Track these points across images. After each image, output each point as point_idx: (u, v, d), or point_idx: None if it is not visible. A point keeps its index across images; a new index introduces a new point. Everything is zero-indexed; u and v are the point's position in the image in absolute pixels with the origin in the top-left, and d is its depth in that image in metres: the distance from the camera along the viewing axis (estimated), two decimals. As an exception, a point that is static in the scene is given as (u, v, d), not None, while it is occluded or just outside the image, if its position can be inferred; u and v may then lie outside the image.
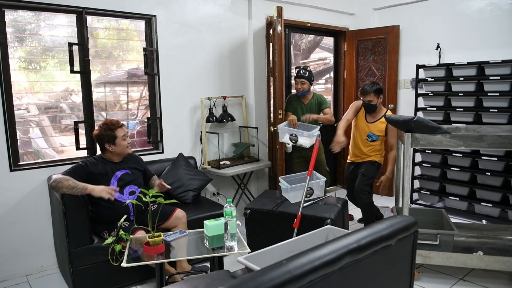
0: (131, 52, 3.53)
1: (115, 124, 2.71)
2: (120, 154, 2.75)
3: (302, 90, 3.70)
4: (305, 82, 3.67)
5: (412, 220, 1.32)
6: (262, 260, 1.59)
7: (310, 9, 4.45)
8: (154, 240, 2.19)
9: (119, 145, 2.70)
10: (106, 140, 2.69)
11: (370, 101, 3.33)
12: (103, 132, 2.68)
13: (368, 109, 3.40)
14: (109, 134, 2.67)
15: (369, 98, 3.32)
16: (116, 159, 2.76)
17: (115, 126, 2.69)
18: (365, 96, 3.35)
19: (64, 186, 2.43)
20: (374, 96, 3.32)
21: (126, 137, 2.75)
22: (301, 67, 3.76)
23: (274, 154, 3.85)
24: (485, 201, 3.72)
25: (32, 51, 3.06)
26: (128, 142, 2.76)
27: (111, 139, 2.68)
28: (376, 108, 3.38)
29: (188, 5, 3.61)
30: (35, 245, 2.97)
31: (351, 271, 1.08)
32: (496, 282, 2.66)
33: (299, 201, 2.90)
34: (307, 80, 3.67)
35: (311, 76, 3.71)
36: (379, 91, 3.35)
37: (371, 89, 3.31)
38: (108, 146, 2.70)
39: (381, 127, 3.40)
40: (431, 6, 4.33)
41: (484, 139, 2.42)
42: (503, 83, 3.61)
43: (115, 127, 2.69)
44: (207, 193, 3.85)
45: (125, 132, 2.74)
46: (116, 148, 2.71)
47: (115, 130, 2.68)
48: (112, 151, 2.72)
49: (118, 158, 2.77)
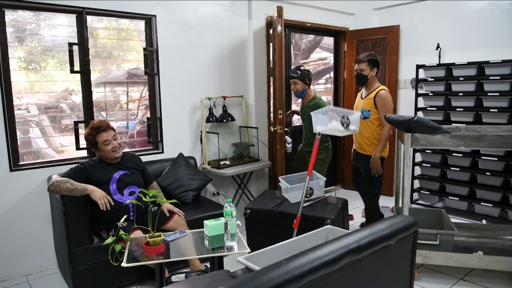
0: (131, 52, 3.53)
1: (97, 128, 2.63)
2: (108, 158, 2.70)
3: (296, 90, 3.49)
4: (298, 82, 3.44)
5: (412, 220, 1.32)
6: (262, 260, 1.59)
7: (310, 9, 4.45)
8: (154, 240, 2.19)
9: (102, 150, 2.65)
10: (90, 145, 2.68)
11: (362, 70, 3.15)
12: (87, 136, 2.66)
13: (358, 79, 3.21)
14: (90, 139, 2.64)
15: (362, 67, 3.14)
16: (111, 161, 2.73)
17: (97, 131, 2.62)
18: (359, 64, 3.17)
19: (63, 189, 2.41)
20: (368, 66, 3.13)
21: (111, 141, 2.64)
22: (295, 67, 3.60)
23: (274, 154, 3.86)
24: (485, 201, 3.72)
25: (32, 51, 3.06)
26: (114, 146, 2.66)
27: (94, 144, 2.65)
28: (367, 79, 3.16)
29: (188, 5, 3.61)
30: (35, 245, 2.97)
31: (351, 271, 1.08)
32: (496, 282, 2.66)
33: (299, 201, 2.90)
34: (300, 79, 3.43)
35: (304, 76, 3.44)
36: (374, 62, 3.15)
37: (365, 58, 3.14)
38: (94, 150, 2.70)
39: (370, 102, 3.16)
40: (431, 6, 4.33)
41: (484, 139, 2.42)
42: (503, 83, 3.61)
43: (97, 131, 2.62)
44: (207, 193, 3.85)
45: (108, 137, 2.63)
46: (101, 152, 2.68)
47: (96, 136, 2.62)
48: (100, 155, 2.71)
49: (112, 160, 2.74)
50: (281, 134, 3.74)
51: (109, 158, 2.70)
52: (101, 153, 2.68)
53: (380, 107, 3.12)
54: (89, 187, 2.49)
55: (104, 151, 2.65)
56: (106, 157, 2.70)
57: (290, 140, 3.90)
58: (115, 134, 2.72)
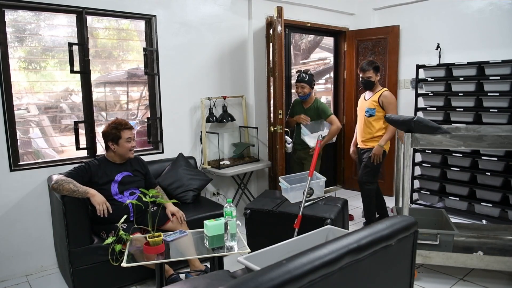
0: (131, 52, 3.53)
1: (123, 124, 2.70)
2: (121, 156, 2.74)
3: (302, 94, 3.71)
4: (305, 86, 3.66)
5: (412, 220, 1.32)
6: (262, 260, 1.59)
7: (310, 9, 4.45)
8: (154, 240, 2.19)
9: (122, 146, 2.69)
10: (111, 139, 2.69)
11: (369, 77, 3.47)
12: (109, 129, 2.69)
13: (366, 85, 3.53)
14: (114, 133, 2.67)
15: (369, 74, 3.47)
16: (118, 161, 2.76)
17: (122, 127, 2.69)
18: (365, 73, 3.48)
19: (65, 189, 2.42)
20: (373, 72, 3.47)
21: (131, 140, 2.73)
22: (301, 70, 3.76)
23: (274, 154, 3.85)
24: (485, 201, 3.72)
25: (32, 51, 3.06)
26: (132, 146, 2.74)
27: (115, 138, 2.68)
28: (373, 84, 3.51)
29: (188, 5, 3.61)
30: (35, 245, 2.97)
31: (351, 271, 1.08)
32: (496, 282, 2.66)
33: (299, 201, 2.90)
34: (307, 84, 3.66)
35: (311, 80, 3.69)
36: (377, 68, 3.51)
37: (370, 66, 3.46)
38: (111, 145, 2.70)
39: (375, 101, 3.48)
40: (431, 6, 4.33)
41: (484, 139, 2.42)
42: (503, 83, 3.60)
43: (122, 127, 2.68)
44: (207, 193, 3.85)
45: (131, 135, 2.73)
46: (118, 149, 2.70)
47: (121, 131, 2.67)
48: (115, 151, 2.72)
49: (120, 160, 2.76)
50: (281, 134, 3.74)
51: (122, 156, 2.74)
52: (119, 149, 2.70)
53: (387, 105, 3.45)
54: (91, 190, 2.49)
55: (123, 147, 2.70)
56: (119, 155, 2.73)
57: (290, 140, 3.91)
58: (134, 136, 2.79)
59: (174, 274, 2.63)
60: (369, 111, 3.51)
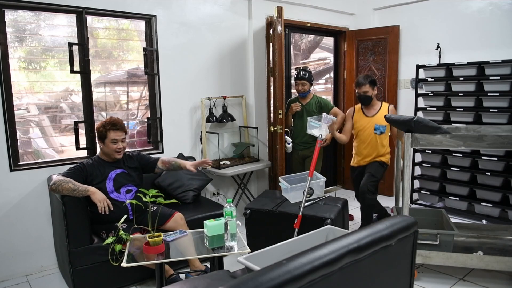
0: (131, 52, 3.53)
1: (113, 124, 2.67)
2: (108, 155, 2.73)
3: (303, 91, 3.78)
4: (306, 83, 3.76)
5: (412, 220, 1.32)
6: (262, 260, 1.59)
7: (310, 9, 4.45)
8: (154, 240, 2.19)
9: (107, 146, 2.68)
10: (98, 136, 2.70)
11: (366, 92, 3.39)
12: (99, 127, 2.69)
13: (363, 100, 3.44)
14: (101, 131, 2.67)
15: (365, 89, 3.38)
16: (109, 159, 2.75)
17: (109, 127, 2.65)
18: (361, 88, 3.40)
19: (65, 189, 2.42)
20: (370, 87, 3.39)
21: (118, 142, 2.67)
22: (300, 68, 3.79)
23: (274, 154, 3.85)
24: (485, 201, 3.72)
25: (32, 51, 3.06)
26: (119, 147, 2.68)
27: (102, 137, 2.68)
28: (371, 99, 3.42)
29: (188, 5, 3.61)
30: (35, 245, 2.97)
31: (351, 271, 1.08)
32: (496, 282, 2.66)
33: (299, 201, 2.90)
34: (308, 81, 3.76)
35: (311, 77, 3.79)
36: (374, 82, 3.43)
37: (366, 80, 3.39)
38: (99, 143, 2.72)
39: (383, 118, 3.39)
40: (431, 6, 4.33)
41: (484, 139, 2.42)
42: (503, 83, 3.60)
43: (109, 127, 2.65)
44: (207, 193, 3.85)
45: (118, 137, 2.66)
46: (104, 148, 2.70)
47: (108, 130, 2.65)
48: (102, 149, 2.73)
49: (110, 159, 2.75)
50: (281, 134, 3.74)
51: (109, 156, 2.72)
52: (105, 148, 2.69)
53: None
54: (91, 188, 2.49)
55: (109, 147, 2.67)
56: (106, 154, 2.72)
57: (290, 140, 3.91)
58: (125, 138, 2.75)
59: (174, 274, 2.63)
60: (380, 128, 3.39)
